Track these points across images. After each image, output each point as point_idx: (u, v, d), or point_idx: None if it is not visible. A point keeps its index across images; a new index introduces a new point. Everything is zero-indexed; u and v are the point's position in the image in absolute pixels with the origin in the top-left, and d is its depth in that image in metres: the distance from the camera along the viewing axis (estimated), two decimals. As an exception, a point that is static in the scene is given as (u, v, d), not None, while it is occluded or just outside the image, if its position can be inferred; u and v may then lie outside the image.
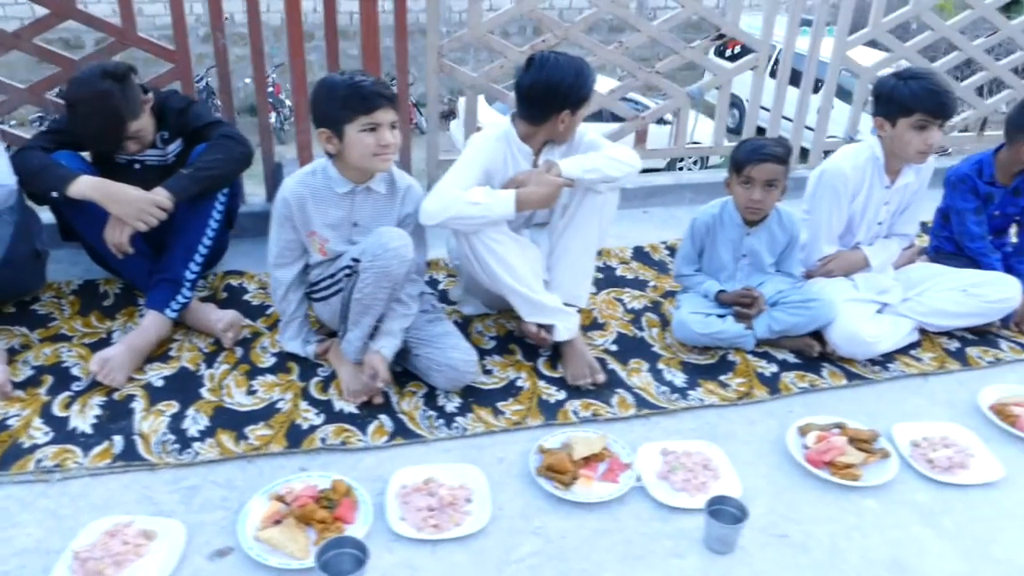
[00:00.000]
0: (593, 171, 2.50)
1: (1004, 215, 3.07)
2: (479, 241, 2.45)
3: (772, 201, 2.65)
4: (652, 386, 2.56)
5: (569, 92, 2.44)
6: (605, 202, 2.62)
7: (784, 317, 2.68)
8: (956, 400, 2.59)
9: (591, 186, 2.53)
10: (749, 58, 3.71)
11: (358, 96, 2.20)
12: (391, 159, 2.30)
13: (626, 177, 2.58)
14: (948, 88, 2.61)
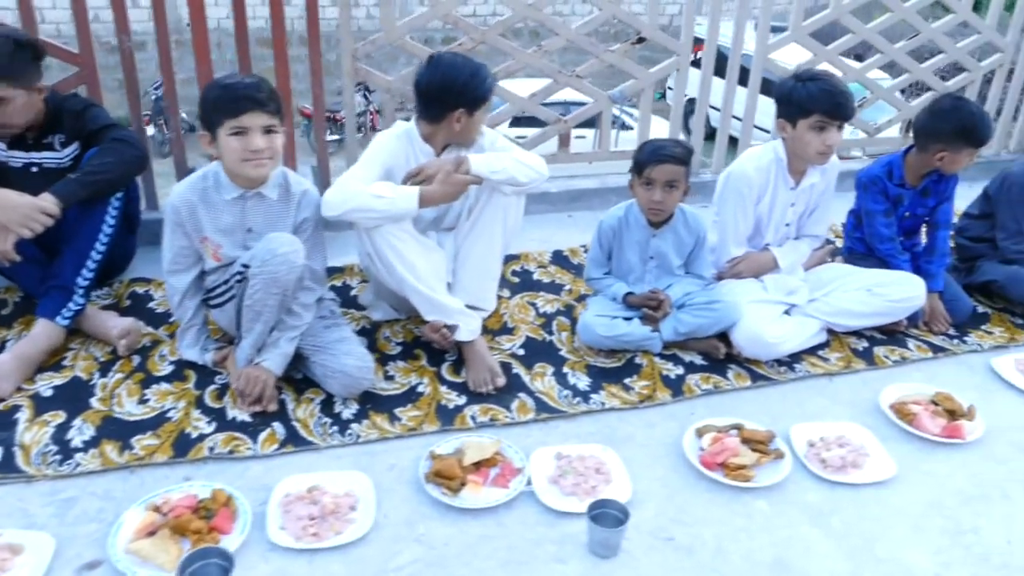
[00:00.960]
0: (501, 172, 2.49)
1: (914, 216, 3.10)
2: (381, 238, 2.43)
3: (673, 202, 2.65)
4: (555, 390, 2.54)
5: (463, 91, 2.43)
6: (509, 206, 2.61)
7: (689, 319, 2.68)
8: (859, 399, 2.60)
9: (497, 187, 2.52)
10: (670, 61, 3.72)
11: (226, 98, 2.17)
12: (265, 165, 2.25)
13: (532, 183, 2.58)
14: (845, 89, 2.63)
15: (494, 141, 2.67)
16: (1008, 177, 3.12)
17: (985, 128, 2.79)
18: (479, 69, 2.48)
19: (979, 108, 2.86)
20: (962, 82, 4.42)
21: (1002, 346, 2.94)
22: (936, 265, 3.04)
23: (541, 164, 2.60)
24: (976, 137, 2.79)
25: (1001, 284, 3.11)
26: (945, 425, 2.42)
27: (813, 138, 2.65)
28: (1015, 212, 3.09)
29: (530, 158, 2.59)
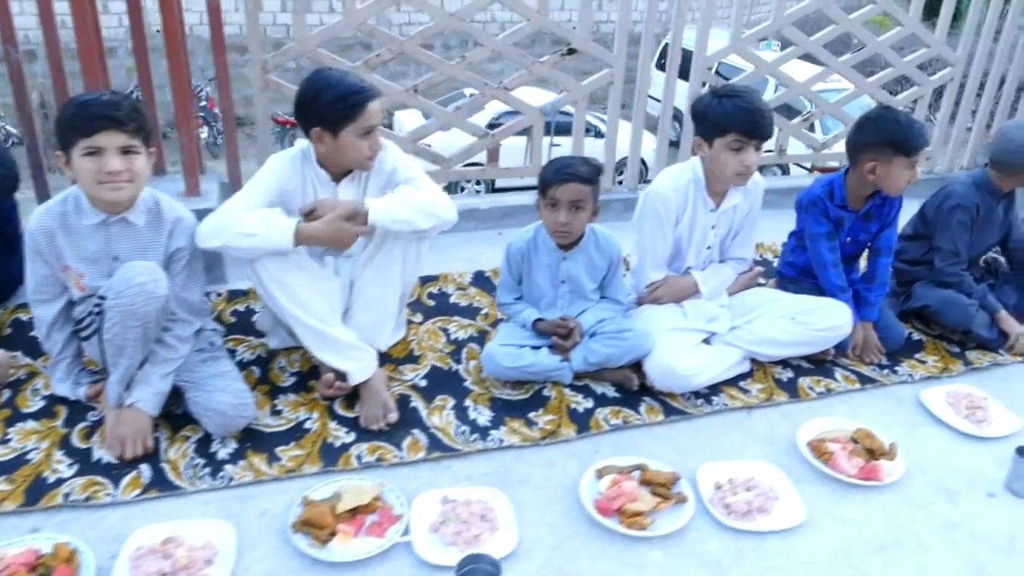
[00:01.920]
0: (403, 223, 2.35)
1: (856, 242, 2.95)
2: (263, 270, 2.28)
3: (580, 223, 2.50)
4: (452, 426, 2.38)
5: (319, 108, 2.27)
6: (409, 250, 2.48)
7: (600, 348, 2.52)
8: (777, 435, 2.45)
9: (397, 235, 2.39)
10: (604, 73, 3.58)
11: (80, 116, 2.00)
12: (123, 188, 2.08)
13: (435, 230, 2.44)
14: (763, 107, 2.48)
15: (398, 167, 2.48)
16: (949, 197, 2.97)
17: (913, 134, 2.64)
18: (345, 88, 2.26)
19: (906, 116, 2.73)
20: (912, 96, 4.30)
21: (934, 377, 2.79)
22: (875, 294, 2.90)
23: (448, 210, 2.44)
24: (903, 144, 2.63)
25: (936, 309, 2.97)
26: (862, 466, 2.27)
27: (730, 158, 2.51)
28: (953, 234, 2.95)
29: (436, 204, 2.41)
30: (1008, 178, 2.94)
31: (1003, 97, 4.49)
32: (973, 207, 2.92)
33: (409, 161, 2.53)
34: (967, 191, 2.94)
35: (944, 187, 3.03)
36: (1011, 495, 2.27)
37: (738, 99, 2.47)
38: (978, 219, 2.94)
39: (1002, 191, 2.98)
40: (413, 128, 3.53)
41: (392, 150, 2.50)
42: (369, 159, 2.35)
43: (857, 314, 2.84)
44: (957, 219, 2.93)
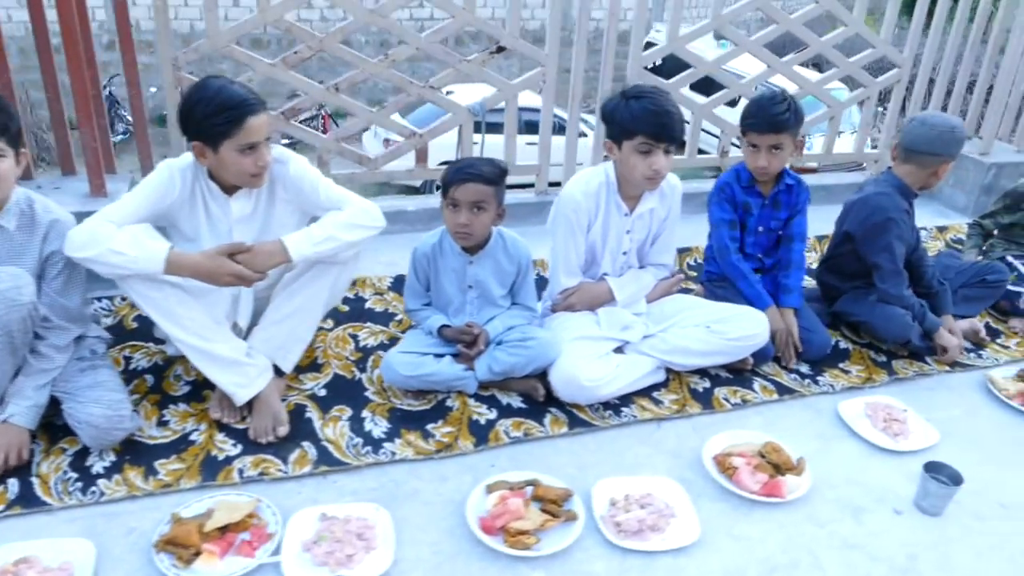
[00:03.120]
0: (328, 241, 2.26)
1: (768, 230, 2.88)
2: (130, 288, 2.17)
3: (482, 225, 2.41)
4: (344, 438, 2.29)
5: (187, 120, 2.17)
6: (343, 273, 2.42)
7: (504, 357, 2.43)
8: (685, 449, 2.37)
9: (328, 259, 2.31)
10: (535, 72, 3.49)
11: None
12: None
13: (366, 239, 2.35)
14: (672, 109, 2.39)
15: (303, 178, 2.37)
16: (876, 211, 2.80)
17: (759, 111, 2.69)
18: (223, 100, 2.13)
19: (774, 97, 2.70)
20: (858, 97, 4.22)
21: (856, 387, 2.72)
22: (793, 279, 2.84)
23: (374, 217, 2.36)
24: (750, 120, 2.71)
25: (873, 325, 2.88)
26: (766, 482, 2.19)
27: (639, 161, 2.43)
28: (892, 251, 2.78)
29: (358, 214, 2.33)
30: (918, 171, 2.78)
31: (952, 99, 4.42)
32: (904, 215, 2.81)
33: (315, 174, 2.41)
34: (892, 200, 2.80)
35: (861, 198, 2.87)
36: (919, 512, 2.19)
37: (646, 101, 2.38)
38: (905, 225, 2.84)
39: (914, 191, 2.85)
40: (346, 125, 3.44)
41: (296, 162, 2.39)
42: (254, 176, 2.23)
43: (777, 302, 2.81)
44: (893, 234, 2.77)
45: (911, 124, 2.78)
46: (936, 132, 2.72)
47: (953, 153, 2.74)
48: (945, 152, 2.73)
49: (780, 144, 2.70)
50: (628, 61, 3.60)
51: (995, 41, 4.20)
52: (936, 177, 2.79)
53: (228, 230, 2.38)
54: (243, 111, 2.13)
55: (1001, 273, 3.07)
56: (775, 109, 2.66)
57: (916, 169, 2.79)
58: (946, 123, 2.75)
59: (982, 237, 3.48)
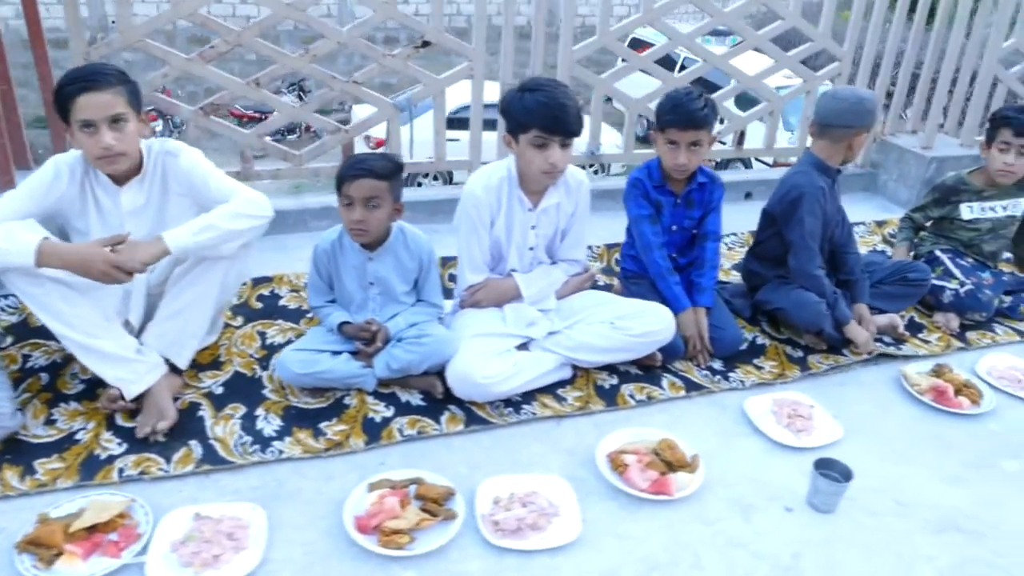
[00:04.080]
0: (207, 230, 2.20)
1: (682, 229, 2.86)
2: (10, 283, 2.13)
3: (377, 221, 2.37)
4: (234, 437, 2.25)
5: (56, 99, 2.13)
6: (232, 267, 2.38)
7: (400, 354, 2.40)
8: (581, 446, 2.33)
9: (209, 252, 2.26)
10: (462, 67, 3.45)
11: None
12: None
13: (253, 230, 2.31)
14: (567, 102, 2.36)
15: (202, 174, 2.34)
16: (792, 189, 2.81)
17: (677, 107, 2.63)
18: (65, 78, 2.12)
19: (690, 93, 2.65)
20: (798, 91, 4.19)
21: (766, 383, 2.69)
22: (707, 278, 2.81)
23: (261, 207, 2.31)
24: (669, 117, 2.65)
25: (787, 311, 2.86)
26: (655, 479, 2.16)
27: (535, 155, 2.40)
28: (804, 227, 2.77)
29: (243, 204, 2.28)
30: (834, 145, 2.76)
31: (896, 93, 4.40)
32: (818, 191, 2.77)
33: (206, 167, 2.38)
34: (807, 176, 2.79)
35: (780, 179, 2.90)
36: (811, 510, 2.16)
37: (540, 93, 2.35)
38: (824, 203, 2.81)
39: (833, 167, 2.83)
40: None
41: (187, 154, 2.36)
42: (98, 159, 2.18)
43: (690, 301, 2.78)
44: (805, 208, 2.76)
45: (822, 99, 2.80)
46: (846, 104, 2.72)
47: (864, 123, 2.73)
48: (856, 123, 2.72)
49: (699, 141, 2.67)
50: (558, 55, 3.57)
51: (938, 33, 4.17)
52: (852, 150, 2.78)
53: (120, 223, 2.35)
54: (77, 87, 2.09)
55: (922, 272, 3.04)
56: (694, 105, 2.63)
57: (830, 144, 2.78)
58: (854, 95, 2.75)
59: (913, 231, 3.45)
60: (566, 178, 2.61)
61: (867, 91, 2.78)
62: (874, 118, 2.75)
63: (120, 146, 2.17)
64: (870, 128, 2.76)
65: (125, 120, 2.17)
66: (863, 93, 2.76)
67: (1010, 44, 4.35)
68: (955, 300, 3.09)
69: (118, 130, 2.16)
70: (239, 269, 2.46)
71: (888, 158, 4.42)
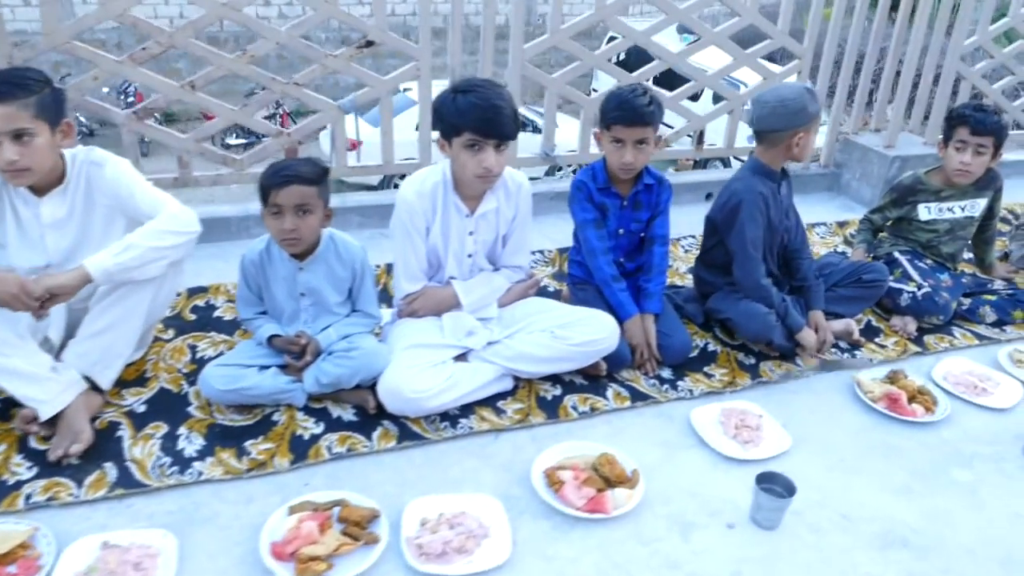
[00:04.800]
0: (129, 250, 2.11)
1: (629, 232, 2.77)
2: None
3: (309, 229, 2.28)
4: (152, 458, 2.15)
5: None
6: (163, 285, 2.29)
7: (330, 368, 2.30)
8: (518, 462, 2.24)
9: (135, 274, 2.15)
10: (409, 67, 3.35)
11: None
12: None
13: (180, 247, 2.22)
14: (501, 104, 2.26)
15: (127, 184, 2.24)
16: (732, 195, 2.73)
17: (623, 104, 2.53)
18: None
19: (635, 89, 2.56)
20: (759, 88, 4.11)
21: (715, 392, 2.60)
22: (654, 283, 2.73)
23: (187, 222, 2.23)
24: (616, 113, 2.54)
25: (735, 322, 2.78)
26: (592, 497, 2.07)
27: (468, 159, 2.30)
28: (745, 235, 2.68)
29: (167, 220, 2.19)
30: (772, 149, 2.68)
31: (858, 90, 4.33)
32: (759, 197, 2.69)
33: (132, 178, 2.28)
34: (747, 182, 2.71)
35: (724, 186, 2.80)
36: (754, 526, 2.08)
37: (472, 95, 2.26)
38: (768, 209, 2.73)
39: (776, 171, 2.75)
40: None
41: (113, 165, 2.25)
42: (3, 172, 2.07)
43: (637, 307, 2.69)
44: (745, 215, 2.67)
45: (752, 105, 2.71)
46: (771, 107, 2.63)
47: (797, 123, 2.61)
48: (788, 125, 2.62)
49: (646, 138, 2.58)
50: (509, 55, 3.48)
51: (900, 29, 4.10)
52: (794, 150, 2.67)
53: (40, 236, 2.25)
54: None
55: (878, 273, 2.95)
56: (639, 102, 2.54)
57: (769, 148, 2.70)
58: (778, 95, 2.64)
59: (872, 232, 3.37)
60: (505, 182, 2.51)
61: (796, 89, 2.65)
62: (808, 115, 2.62)
63: (24, 161, 2.06)
64: (807, 125, 2.64)
65: (31, 134, 2.05)
66: (789, 92, 2.64)
67: (972, 42, 4.29)
68: (912, 303, 3.01)
69: (22, 144, 2.04)
70: (170, 287, 2.37)
71: (851, 157, 4.35)
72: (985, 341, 3.03)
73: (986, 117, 3.03)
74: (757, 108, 2.65)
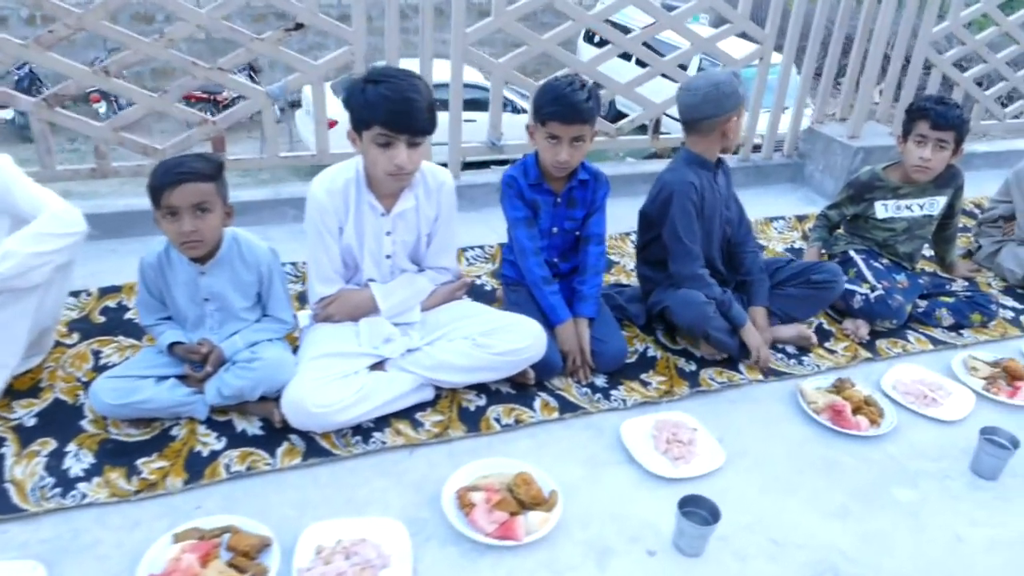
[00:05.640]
0: (8, 258, 1.97)
1: (563, 231, 2.63)
2: None
3: (210, 229, 2.11)
4: (34, 479, 1.99)
5: None
6: (49, 288, 2.13)
7: (231, 380, 2.15)
8: (431, 480, 2.09)
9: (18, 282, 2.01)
10: (342, 51, 3.17)
11: None
12: None
13: (64, 250, 2.08)
14: (415, 96, 2.10)
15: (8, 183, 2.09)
16: (664, 187, 2.60)
17: (560, 99, 2.36)
18: None
19: (573, 82, 2.40)
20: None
21: (651, 402, 2.46)
22: (588, 286, 2.59)
23: (66, 223, 2.09)
24: (551, 109, 2.38)
25: (672, 309, 2.62)
26: (503, 521, 1.93)
27: (379, 155, 2.14)
28: (678, 227, 2.55)
29: (47, 222, 2.05)
30: (705, 137, 2.56)
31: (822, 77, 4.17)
32: (690, 187, 2.55)
33: (11, 176, 2.12)
34: (678, 173, 2.58)
35: (656, 178, 2.67)
36: (676, 552, 1.94)
37: (384, 86, 2.09)
38: (702, 199, 2.59)
39: (711, 160, 2.62)
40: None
41: None
42: None
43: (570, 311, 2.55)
44: (676, 208, 2.55)
45: (678, 94, 2.59)
46: (700, 95, 2.51)
47: (726, 109, 2.51)
48: (717, 112, 2.50)
49: (583, 135, 2.43)
50: (451, 39, 3.30)
51: (867, 13, 3.94)
52: (727, 137, 2.56)
53: None
54: None
55: (829, 273, 2.79)
56: (577, 96, 2.38)
57: (702, 137, 2.58)
58: (710, 80, 2.53)
59: (828, 229, 3.23)
60: (425, 179, 2.36)
61: (725, 73, 2.54)
62: (739, 98, 2.52)
63: None
64: (738, 109, 2.54)
65: None
66: (716, 78, 2.52)
67: (943, 27, 4.13)
68: (865, 306, 2.87)
69: None
70: (58, 291, 2.23)
71: (815, 147, 4.19)
72: (940, 346, 2.90)
73: (948, 110, 2.88)
74: (687, 96, 2.53)
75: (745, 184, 4.11)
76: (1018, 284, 3.34)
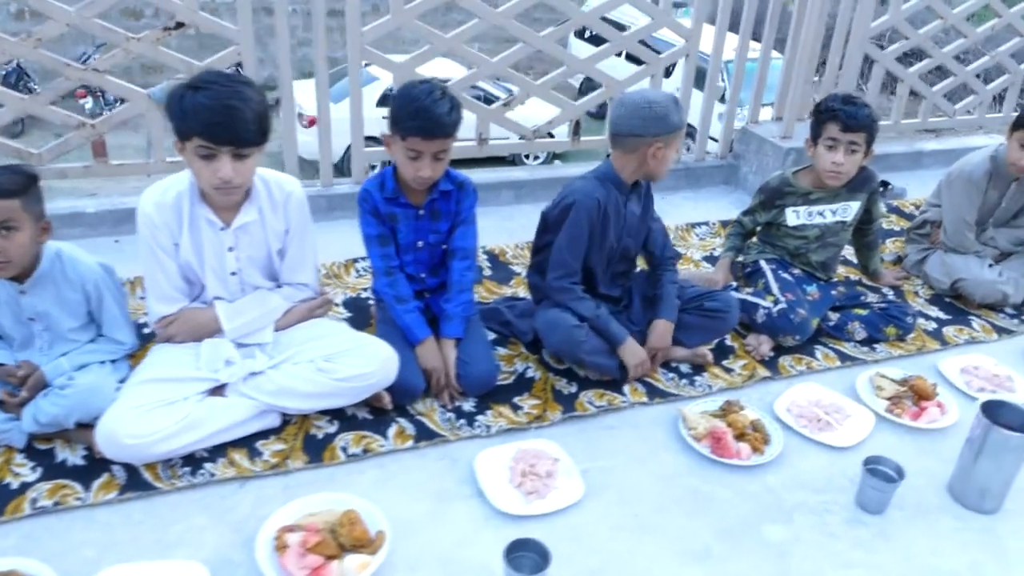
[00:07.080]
0: None
1: (429, 245, 2.46)
2: None
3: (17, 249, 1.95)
4: None
5: None
6: None
7: (46, 407, 2.01)
8: (255, 518, 1.93)
9: None
10: (230, 51, 3.01)
11: None
12: None
13: None
14: (238, 104, 1.93)
15: None
16: (566, 196, 2.44)
17: (422, 112, 2.18)
18: None
19: (433, 92, 2.21)
20: (642, 74, 3.77)
21: (519, 429, 2.29)
22: (453, 304, 2.43)
23: None
24: (412, 123, 2.19)
25: (540, 331, 2.48)
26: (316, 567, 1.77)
27: (201, 168, 1.99)
28: (563, 239, 2.41)
29: None
30: (626, 156, 2.39)
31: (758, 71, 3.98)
32: (595, 204, 2.39)
33: None
34: (587, 186, 2.42)
35: (567, 183, 2.50)
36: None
37: (204, 93, 1.93)
38: (600, 218, 2.43)
39: (628, 182, 2.45)
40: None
41: None
42: None
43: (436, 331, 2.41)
44: (571, 219, 2.39)
45: (613, 106, 2.43)
46: (632, 107, 2.34)
47: (655, 132, 2.33)
48: (648, 131, 2.33)
49: (446, 148, 2.27)
50: (347, 38, 3.13)
51: (799, 12, 3.75)
52: (652, 162, 2.38)
53: None
54: None
55: (721, 303, 2.61)
56: (439, 109, 2.20)
57: (623, 155, 2.41)
58: (645, 96, 2.37)
59: (742, 237, 3.05)
60: (270, 189, 2.20)
61: (664, 94, 2.37)
62: (669, 126, 2.33)
63: None
64: (668, 136, 2.34)
65: None
66: (653, 97, 2.36)
67: (882, 22, 3.94)
68: (767, 320, 2.69)
69: None
70: None
71: (748, 148, 4.01)
72: (849, 362, 2.73)
73: (857, 111, 2.70)
74: (618, 107, 2.38)
75: (676, 187, 3.95)
76: (945, 294, 3.16)
